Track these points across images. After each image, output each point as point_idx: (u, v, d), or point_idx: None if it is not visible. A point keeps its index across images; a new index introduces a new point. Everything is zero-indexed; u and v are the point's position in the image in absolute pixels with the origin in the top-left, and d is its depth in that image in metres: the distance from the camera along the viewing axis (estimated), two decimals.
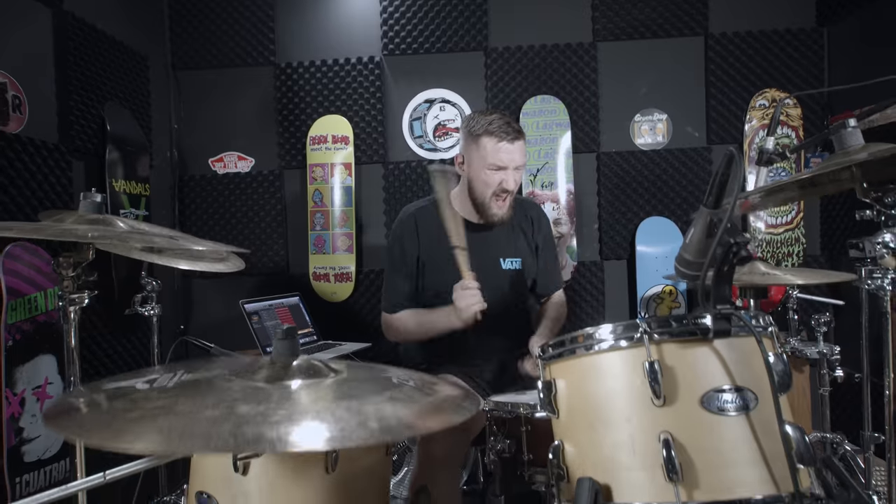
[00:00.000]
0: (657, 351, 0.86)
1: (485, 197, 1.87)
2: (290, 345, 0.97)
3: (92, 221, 1.21)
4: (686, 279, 0.89)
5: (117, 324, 2.51)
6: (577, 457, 0.93)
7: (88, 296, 1.23)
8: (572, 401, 0.95)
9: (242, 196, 3.18)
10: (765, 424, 0.83)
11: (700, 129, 3.11)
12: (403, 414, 0.87)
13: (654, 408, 0.84)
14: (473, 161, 1.88)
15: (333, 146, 3.13)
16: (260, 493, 1.31)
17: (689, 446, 0.82)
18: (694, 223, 0.87)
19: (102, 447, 0.63)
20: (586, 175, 3.14)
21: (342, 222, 3.11)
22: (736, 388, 0.84)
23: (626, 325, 0.89)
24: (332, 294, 3.11)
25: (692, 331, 0.86)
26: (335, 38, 3.16)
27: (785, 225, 3.02)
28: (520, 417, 1.36)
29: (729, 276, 0.81)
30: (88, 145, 2.42)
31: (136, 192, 2.69)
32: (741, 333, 0.87)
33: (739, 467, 0.81)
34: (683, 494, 0.80)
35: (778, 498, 0.80)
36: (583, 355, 0.93)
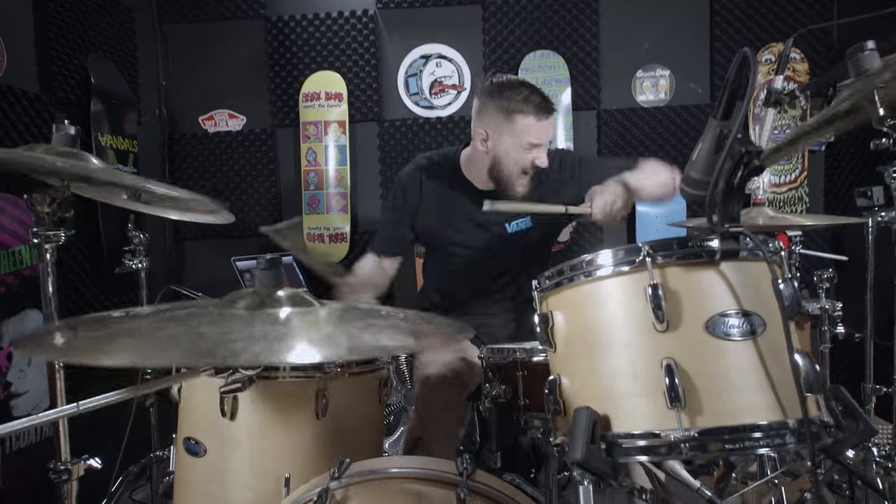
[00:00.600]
0: (660, 274, 0.81)
1: (512, 174, 1.74)
2: (274, 275, 0.92)
3: (64, 154, 1.14)
4: (692, 200, 0.84)
5: (107, 282, 2.46)
6: (575, 388, 0.89)
7: (65, 234, 1.17)
8: (570, 332, 0.91)
9: (234, 155, 3.10)
10: (772, 350, 0.79)
11: (703, 86, 3.02)
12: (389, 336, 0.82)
13: (657, 333, 0.80)
14: (504, 139, 1.71)
15: (327, 103, 3.04)
16: (249, 437, 1.29)
17: (693, 372, 0.78)
18: (702, 138, 0.81)
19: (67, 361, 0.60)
20: (586, 133, 3.06)
21: (336, 182, 3.04)
22: (743, 313, 0.79)
23: (628, 249, 0.84)
24: (327, 255, 3.05)
25: (697, 253, 0.81)
26: None
27: (788, 184, 2.96)
28: (516, 362, 1.32)
29: (739, 191, 0.76)
30: (71, 97, 2.34)
31: (124, 148, 2.62)
32: (749, 256, 0.82)
33: (745, 393, 0.77)
34: (686, 421, 0.76)
35: (783, 424, 0.76)
36: (581, 283, 0.88)
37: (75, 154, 1.17)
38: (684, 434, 0.75)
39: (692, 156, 0.82)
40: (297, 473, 1.22)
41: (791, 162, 2.94)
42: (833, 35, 2.92)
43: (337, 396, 1.31)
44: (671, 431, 0.76)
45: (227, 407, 1.25)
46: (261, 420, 1.27)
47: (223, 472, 1.27)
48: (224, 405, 1.25)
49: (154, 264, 2.61)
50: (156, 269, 2.91)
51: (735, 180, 0.74)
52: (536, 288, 0.97)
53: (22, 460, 1.92)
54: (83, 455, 1.21)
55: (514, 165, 1.72)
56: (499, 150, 1.73)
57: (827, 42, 2.92)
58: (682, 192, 0.84)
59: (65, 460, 1.18)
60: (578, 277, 0.88)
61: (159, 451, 1.98)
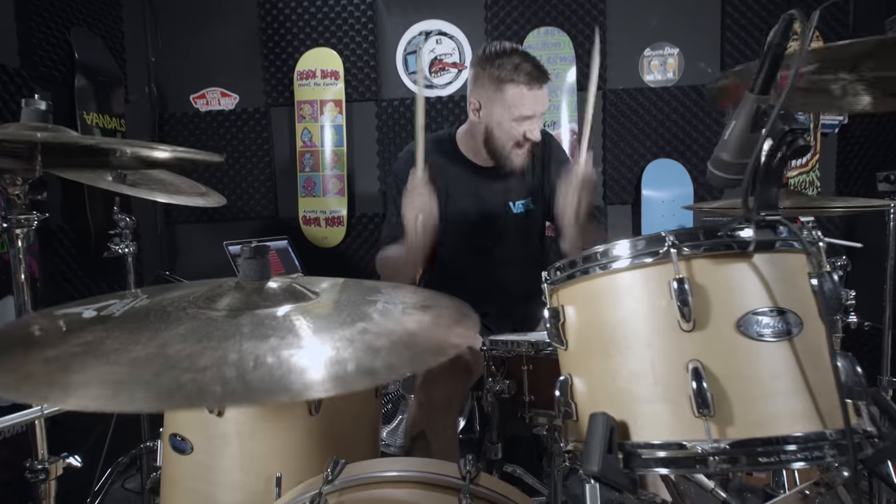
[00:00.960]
0: (686, 268, 0.73)
1: (505, 147, 1.68)
2: (260, 265, 0.84)
3: (36, 130, 1.05)
4: (723, 185, 0.75)
5: (95, 267, 2.38)
6: (588, 391, 0.81)
7: (39, 218, 1.09)
8: (583, 329, 0.83)
9: (227, 135, 3.00)
10: (810, 352, 0.71)
11: (714, 65, 2.91)
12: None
13: (682, 333, 0.72)
14: (495, 110, 1.65)
15: (323, 82, 2.93)
16: (238, 435, 1.21)
17: (722, 376, 0.70)
18: (735, 116, 0.72)
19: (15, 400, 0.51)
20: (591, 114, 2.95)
21: (333, 163, 2.94)
22: (778, 311, 0.71)
23: (650, 239, 0.76)
24: (323, 239, 2.97)
25: (728, 244, 0.73)
26: None
27: (800, 168, 2.87)
28: (520, 356, 1.25)
29: (778, 174, 0.68)
30: (54, 73, 2.23)
31: (111, 126, 2.51)
32: (784, 248, 0.74)
33: (779, 399, 0.70)
34: (715, 431, 0.68)
35: (821, 435, 0.69)
36: (597, 276, 0.80)
37: (48, 128, 1.08)
38: (714, 446, 0.68)
39: (723, 135, 0.73)
40: (289, 473, 1.16)
41: None
42: (849, 13, 2.80)
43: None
44: (698, 443, 0.69)
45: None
46: (251, 416, 1.20)
47: (211, 471, 1.20)
48: None
49: (145, 249, 2.53)
50: (147, 254, 2.83)
51: (774, 162, 0.66)
52: (546, 280, 0.89)
53: (6, 451, 1.86)
54: (62, 453, 1.15)
55: (506, 137, 1.66)
56: (491, 121, 1.67)
57: (843, 19, 2.80)
58: (711, 177, 0.76)
59: (42, 459, 1.11)
60: (594, 269, 0.80)
61: (149, 441, 1.92)
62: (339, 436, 1.26)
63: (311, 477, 1.02)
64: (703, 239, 0.74)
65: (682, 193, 2.90)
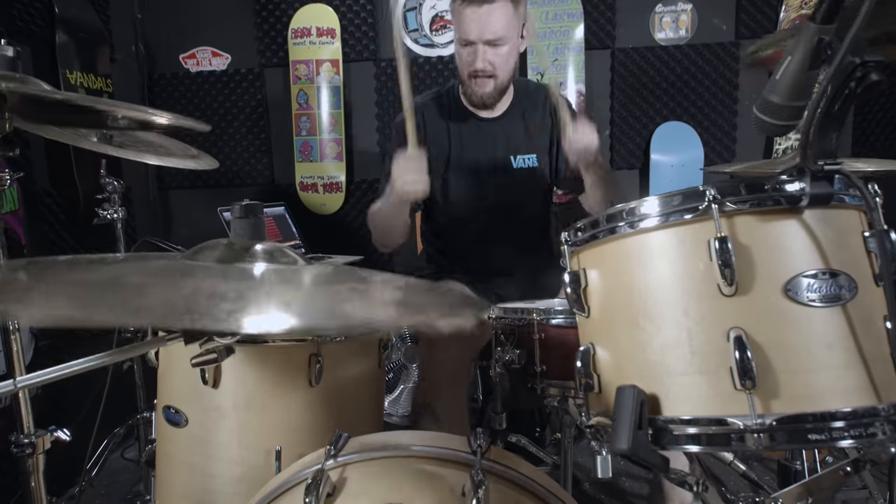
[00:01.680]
0: (728, 225, 0.66)
1: (463, 76, 1.58)
2: (252, 224, 0.76)
3: (3, 79, 0.96)
4: (773, 133, 0.67)
5: (85, 234, 2.30)
6: (613, 362, 0.74)
7: (11, 176, 1.00)
8: (608, 294, 0.76)
9: (219, 97, 2.87)
10: (864, 319, 0.64)
11: (728, 21, 2.77)
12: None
13: (723, 298, 0.65)
14: (455, 36, 1.56)
15: (318, 40, 2.79)
16: (234, 407, 1.15)
17: (768, 345, 0.63)
18: (788, 52, 0.63)
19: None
20: (599, 74, 2.84)
21: (331, 127, 2.83)
22: (830, 273, 0.64)
23: (687, 194, 0.68)
24: (321, 206, 2.89)
25: (776, 199, 0.65)
26: None
27: None
28: (532, 324, 1.18)
29: (841, 118, 0.59)
30: (33, 27, 2.11)
31: (97, 87, 2.39)
32: (838, 203, 0.66)
33: (830, 371, 0.63)
34: (759, 406, 0.62)
35: (873, 410, 0.62)
36: (624, 236, 0.72)
37: (18, 78, 0.98)
38: (757, 422, 0.61)
39: (774, 75, 0.65)
40: (288, 446, 1.10)
41: None
42: None
43: (332, 361, 1.17)
44: (740, 418, 0.62)
45: (208, 374, 1.12)
46: (247, 388, 1.14)
47: (207, 444, 1.15)
48: (205, 372, 1.12)
49: (137, 215, 2.44)
50: (140, 220, 2.75)
51: (837, 104, 0.58)
52: (566, 241, 0.81)
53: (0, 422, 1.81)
54: (50, 426, 1.09)
55: (461, 65, 1.57)
56: (455, 49, 1.59)
57: None
58: (759, 123, 0.67)
59: (28, 433, 1.05)
60: (622, 229, 0.72)
61: (145, 412, 1.88)
62: (341, 408, 1.20)
63: (313, 450, 0.96)
64: (747, 193, 0.66)
65: (693, 157, 2.81)
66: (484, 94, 1.59)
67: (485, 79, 1.55)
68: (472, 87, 1.59)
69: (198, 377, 1.12)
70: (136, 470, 2.19)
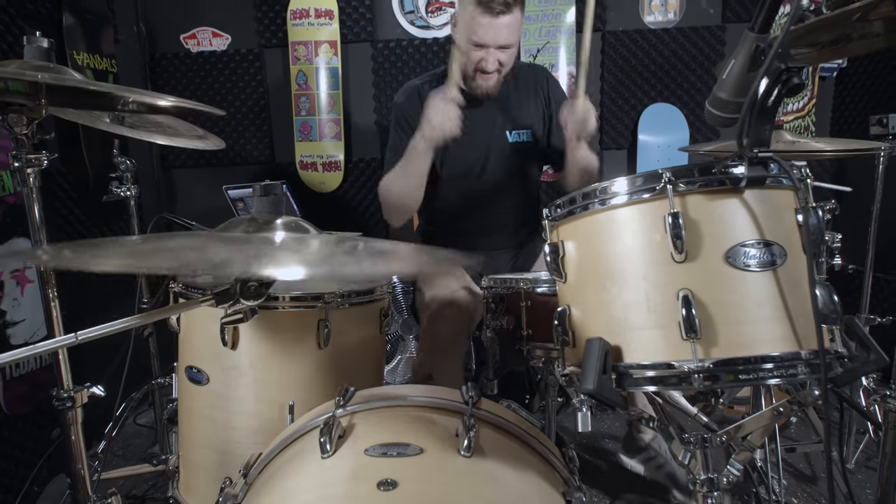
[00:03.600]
0: (681, 203, 0.78)
1: (468, 69, 1.68)
2: (273, 202, 0.87)
3: (39, 68, 1.06)
4: (720, 124, 0.79)
5: (95, 212, 2.40)
6: (585, 320, 0.87)
7: (48, 157, 1.11)
8: (582, 262, 0.88)
9: (220, 77, 2.94)
10: (791, 281, 0.77)
11: (716, 5, 2.86)
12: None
13: (674, 264, 0.77)
14: (460, 29, 1.64)
15: (317, 21, 2.86)
16: (251, 366, 1.28)
17: (710, 303, 0.76)
18: (734, 54, 0.75)
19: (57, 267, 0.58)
20: (590, 57, 2.91)
21: (329, 107, 2.92)
22: (764, 243, 0.76)
23: (647, 176, 0.80)
24: (321, 184, 2.98)
25: (721, 180, 0.77)
26: None
27: (795, 112, 2.88)
28: (519, 293, 1.31)
29: (772, 112, 0.71)
30: (41, 10, 2.17)
31: (102, 67, 2.47)
32: (773, 184, 0.78)
33: (761, 324, 0.76)
34: (700, 352, 0.75)
35: (796, 355, 0.75)
36: (596, 211, 0.84)
37: (52, 68, 1.08)
38: (698, 365, 0.74)
39: (722, 74, 0.76)
40: (300, 401, 1.23)
41: None
42: None
43: (338, 326, 1.30)
44: (685, 362, 0.75)
45: (227, 336, 1.24)
46: (263, 349, 1.27)
47: (227, 400, 1.28)
48: (225, 335, 1.24)
49: (143, 193, 2.54)
50: (145, 199, 2.84)
51: (770, 100, 0.69)
52: (547, 217, 0.93)
53: (23, 386, 1.93)
54: (86, 383, 1.21)
55: (467, 61, 1.67)
56: (458, 40, 1.66)
57: None
58: (709, 116, 0.79)
59: (67, 388, 1.17)
60: (593, 206, 0.84)
61: (160, 378, 2.00)
62: (346, 368, 1.33)
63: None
64: (697, 175, 0.78)
65: (679, 138, 2.92)
66: (489, 87, 1.69)
67: (490, 74, 1.65)
68: (477, 81, 1.69)
69: (218, 340, 1.24)
70: (149, 434, 2.33)
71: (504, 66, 1.67)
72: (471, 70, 1.67)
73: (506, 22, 1.57)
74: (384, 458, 0.83)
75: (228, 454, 1.27)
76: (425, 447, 0.84)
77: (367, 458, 0.83)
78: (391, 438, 0.91)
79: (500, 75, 1.69)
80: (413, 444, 0.85)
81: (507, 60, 1.67)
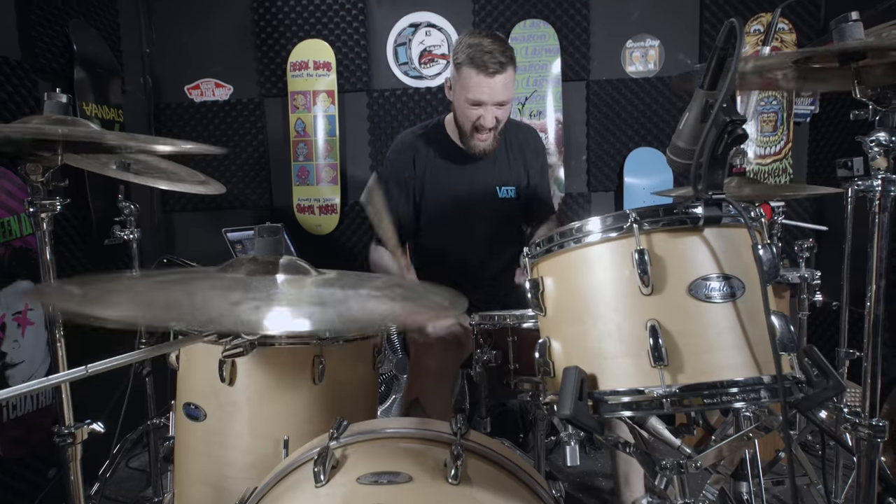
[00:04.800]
0: (646, 240, 0.85)
1: (465, 129, 1.77)
2: (274, 242, 0.94)
3: (58, 122, 1.14)
4: (678, 170, 0.87)
5: (97, 254, 2.46)
6: (564, 351, 0.93)
7: (60, 202, 1.18)
8: (560, 297, 0.94)
9: (222, 125, 3.07)
10: (750, 312, 0.83)
11: (692, 56, 3.03)
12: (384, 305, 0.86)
13: (642, 297, 0.84)
14: (455, 90, 1.74)
15: (315, 73, 3.00)
16: (248, 402, 1.32)
17: (676, 332, 0.82)
18: (688, 108, 0.83)
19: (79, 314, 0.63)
20: (575, 104, 3.07)
21: (326, 153, 3.03)
22: (724, 277, 0.83)
23: (616, 216, 0.87)
24: (317, 226, 3.07)
25: (682, 219, 0.84)
26: None
27: (773, 156, 3.00)
28: (506, 328, 1.37)
29: (723, 159, 0.79)
30: (54, 65, 2.29)
31: (109, 117, 2.58)
32: (730, 223, 0.86)
33: (724, 352, 0.82)
34: (668, 378, 0.80)
35: (758, 380, 0.81)
36: (571, 249, 0.92)
37: (69, 121, 1.16)
38: (666, 390, 0.80)
39: (678, 125, 0.85)
40: (295, 436, 1.26)
41: (776, 133, 2.99)
42: (821, 5, 2.92)
43: (333, 362, 1.35)
44: (654, 388, 0.81)
45: (226, 373, 1.28)
46: (259, 385, 1.31)
47: (224, 436, 1.31)
48: (223, 371, 1.28)
49: (143, 236, 2.61)
50: (146, 242, 2.90)
51: (719, 149, 0.77)
52: (527, 255, 1.01)
53: (19, 429, 1.95)
54: (86, 420, 1.25)
55: (463, 118, 1.75)
56: (455, 101, 1.76)
57: (815, 12, 2.93)
58: (669, 162, 0.87)
59: (69, 424, 1.21)
60: (568, 244, 0.92)
61: (156, 418, 2.02)
62: (340, 403, 1.37)
63: None
64: (661, 215, 0.86)
65: (663, 180, 3.03)
66: (486, 147, 1.77)
67: (488, 132, 1.74)
68: (474, 140, 1.76)
69: (216, 376, 1.29)
70: (142, 478, 2.32)
71: (500, 122, 1.74)
72: (468, 129, 1.74)
73: (501, 81, 1.66)
74: (375, 485, 0.86)
75: (224, 490, 1.29)
76: (414, 475, 0.88)
77: (360, 486, 0.87)
78: (382, 467, 0.95)
79: (495, 132, 1.76)
80: (403, 473, 0.89)
81: (503, 116, 1.74)
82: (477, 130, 1.74)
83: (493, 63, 1.63)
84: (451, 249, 1.94)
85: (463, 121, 1.76)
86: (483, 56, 1.63)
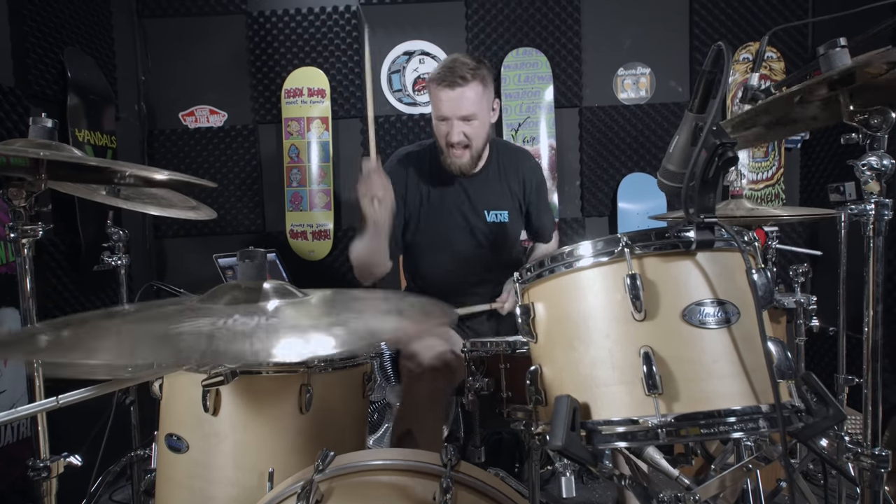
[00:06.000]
0: (638, 265, 0.83)
1: (441, 146, 1.78)
2: (257, 266, 0.92)
3: (42, 146, 1.13)
4: (669, 193, 0.85)
5: (86, 280, 2.42)
6: (555, 378, 0.90)
7: (43, 228, 1.16)
8: (551, 323, 0.92)
9: (216, 151, 3.07)
10: (746, 338, 0.81)
11: (683, 84, 3.07)
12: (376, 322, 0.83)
13: (635, 323, 0.81)
14: (432, 109, 1.78)
15: (309, 99, 3.02)
16: (232, 432, 1.28)
17: (670, 360, 0.79)
18: (678, 132, 0.83)
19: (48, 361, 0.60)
20: (568, 130, 3.09)
21: (320, 179, 3.03)
22: (718, 302, 0.81)
23: (607, 241, 0.86)
24: (310, 252, 3.05)
25: (674, 243, 0.83)
26: None
27: (765, 181, 3.02)
28: (498, 356, 1.34)
29: (714, 182, 0.78)
30: (47, 91, 2.30)
31: (102, 143, 2.57)
32: (724, 247, 0.84)
33: (720, 380, 0.79)
34: (663, 407, 0.78)
35: (756, 409, 0.78)
36: (562, 274, 0.89)
37: (53, 146, 1.15)
38: (661, 420, 0.77)
39: (669, 148, 0.84)
40: (280, 468, 1.22)
41: (768, 159, 3.00)
42: (808, 34, 2.98)
43: (321, 391, 1.31)
44: (649, 417, 0.78)
45: (209, 402, 1.24)
46: (244, 415, 1.27)
47: (206, 468, 1.26)
48: (206, 400, 1.24)
49: (134, 262, 2.58)
50: (136, 268, 2.88)
51: (710, 172, 0.76)
52: (518, 280, 0.98)
53: None
54: (63, 453, 1.20)
55: (438, 137, 1.77)
56: (433, 122, 1.79)
57: (802, 41, 2.98)
58: (660, 185, 0.86)
59: (44, 457, 1.16)
60: (559, 268, 0.89)
61: (140, 450, 1.96)
62: (328, 432, 1.32)
63: None
64: (653, 239, 0.84)
65: (656, 205, 3.03)
66: (462, 164, 1.77)
67: (461, 149, 1.73)
68: (450, 158, 1.77)
69: (199, 406, 1.25)
70: None
71: (471, 139, 1.72)
72: (443, 145, 1.76)
73: (462, 94, 1.65)
74: None
75: None
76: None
77: None
78: (368, 502, 0.91)
79: (471, 150, 1.75)
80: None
81: (472, 133, 1.72)
82: (451, 147, 1.74)
83: (452, 77, 1.64)
84: (437, 269, 1.93)
85: (438, 138, 1.78)
86: (446, 72, 1.66)
